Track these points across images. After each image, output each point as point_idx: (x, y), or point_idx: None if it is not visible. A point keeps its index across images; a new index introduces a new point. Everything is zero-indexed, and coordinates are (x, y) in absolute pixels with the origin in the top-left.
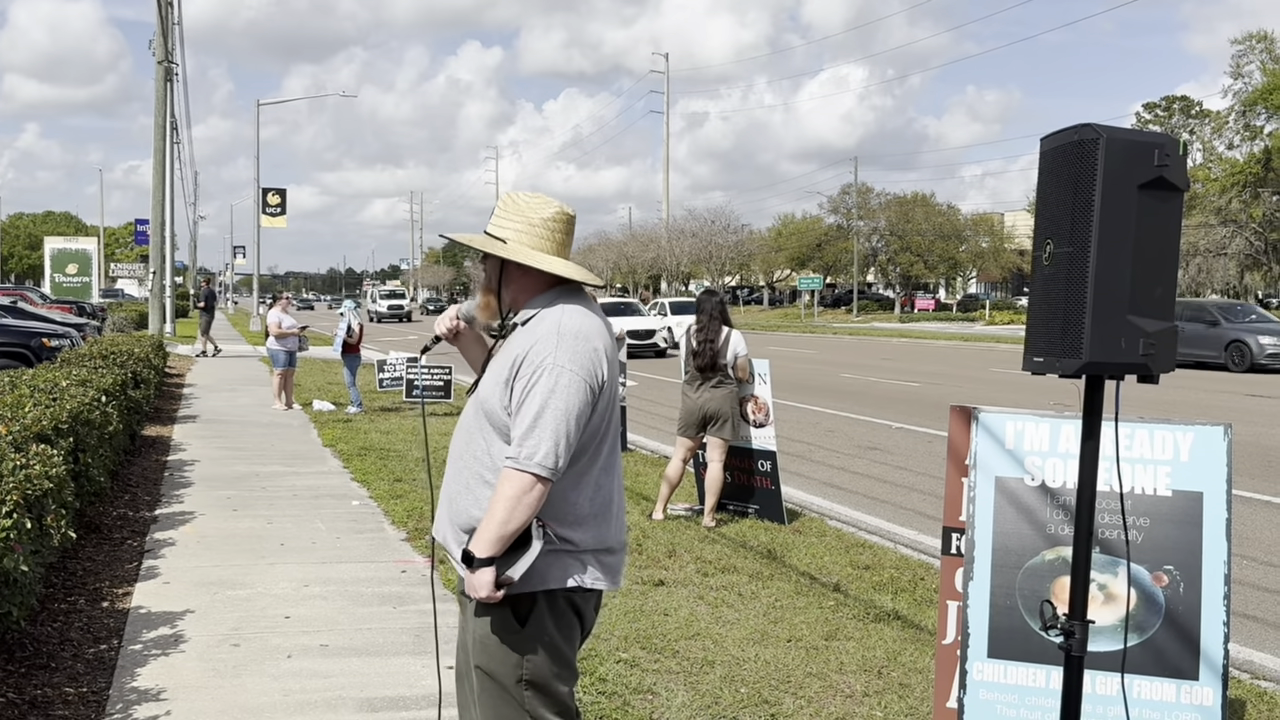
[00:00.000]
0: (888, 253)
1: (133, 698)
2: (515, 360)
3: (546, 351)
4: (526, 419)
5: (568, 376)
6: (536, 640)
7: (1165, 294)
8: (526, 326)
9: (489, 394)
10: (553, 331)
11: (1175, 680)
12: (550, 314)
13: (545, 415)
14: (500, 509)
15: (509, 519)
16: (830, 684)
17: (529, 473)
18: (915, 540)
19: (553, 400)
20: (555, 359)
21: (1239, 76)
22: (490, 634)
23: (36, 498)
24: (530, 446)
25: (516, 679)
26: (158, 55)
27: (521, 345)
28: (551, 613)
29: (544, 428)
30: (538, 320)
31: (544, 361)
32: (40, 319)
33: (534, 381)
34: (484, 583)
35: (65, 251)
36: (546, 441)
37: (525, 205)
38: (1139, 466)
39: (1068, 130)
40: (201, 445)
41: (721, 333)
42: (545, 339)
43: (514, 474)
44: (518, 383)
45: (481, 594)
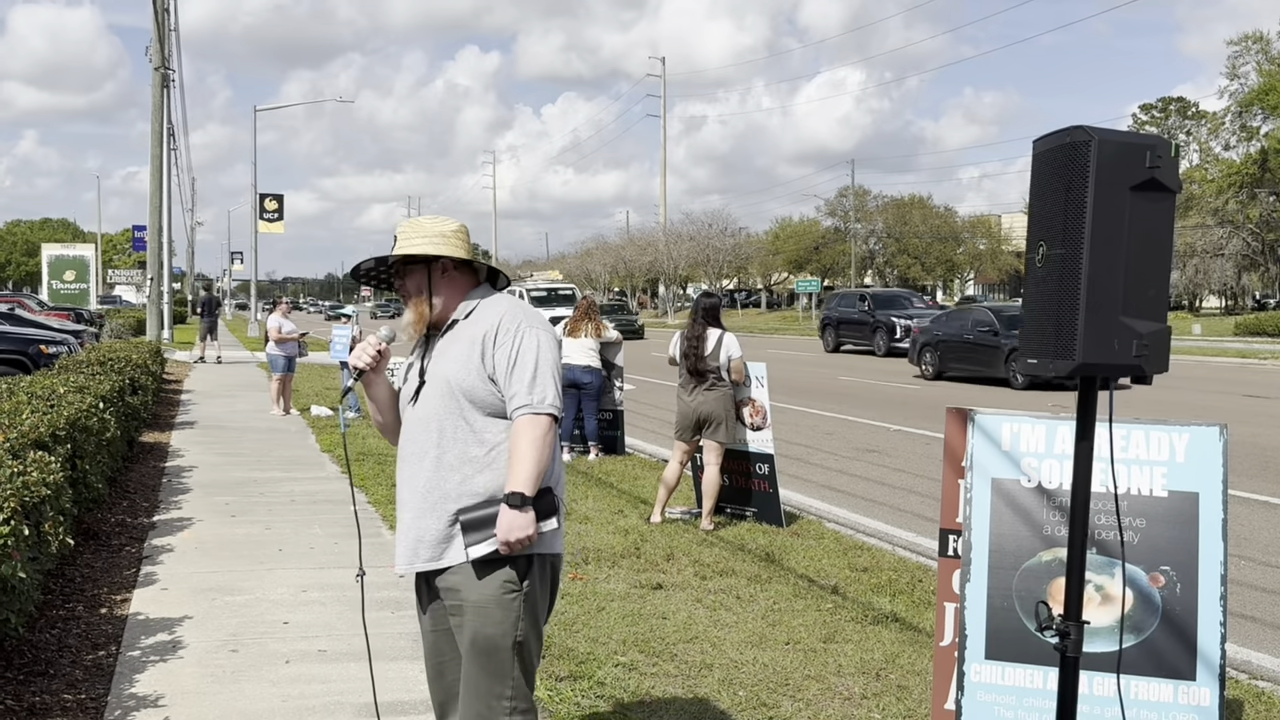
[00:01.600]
0: (885, 255)
1: (131, 704)
2: (485, 334)
3: (519, 318)
4: (526, 371)
5: (545, 335)
6: (531, 602)
7: (1158, 295)
8: (472, 317)
9: (461, 373)
10: (514, 306)
11: (1172, 681)
12: (496, 300)
13: (542, 365)
14: (531, 450)
15: (540, 457)
16: (829, 686)
17: (545, 414)
18: (913, 542)
19: (542, 353)
20: (529, 321)
21: (1235, 77)
22: (494, 594)
23: (34, 504)
24: (539, 392)
25: (513, 641)
26: (154, 62)
27: (485, 323)
28: (540, 576)
29: (544, 375)
30: (484, 306)
31: (520, 326)
32: (38, 326)
33: (519, 341)
34: (529, 521)
35: (63, 258)
36: (551, 386)
37: (431, 224)
38: (1135, 467)
39: (1060, 132)
40: (200, 451)
41: (709, 335)
42: (511, 311)
43: (534, 418)
44: (499, 350)
45: (528, 532)
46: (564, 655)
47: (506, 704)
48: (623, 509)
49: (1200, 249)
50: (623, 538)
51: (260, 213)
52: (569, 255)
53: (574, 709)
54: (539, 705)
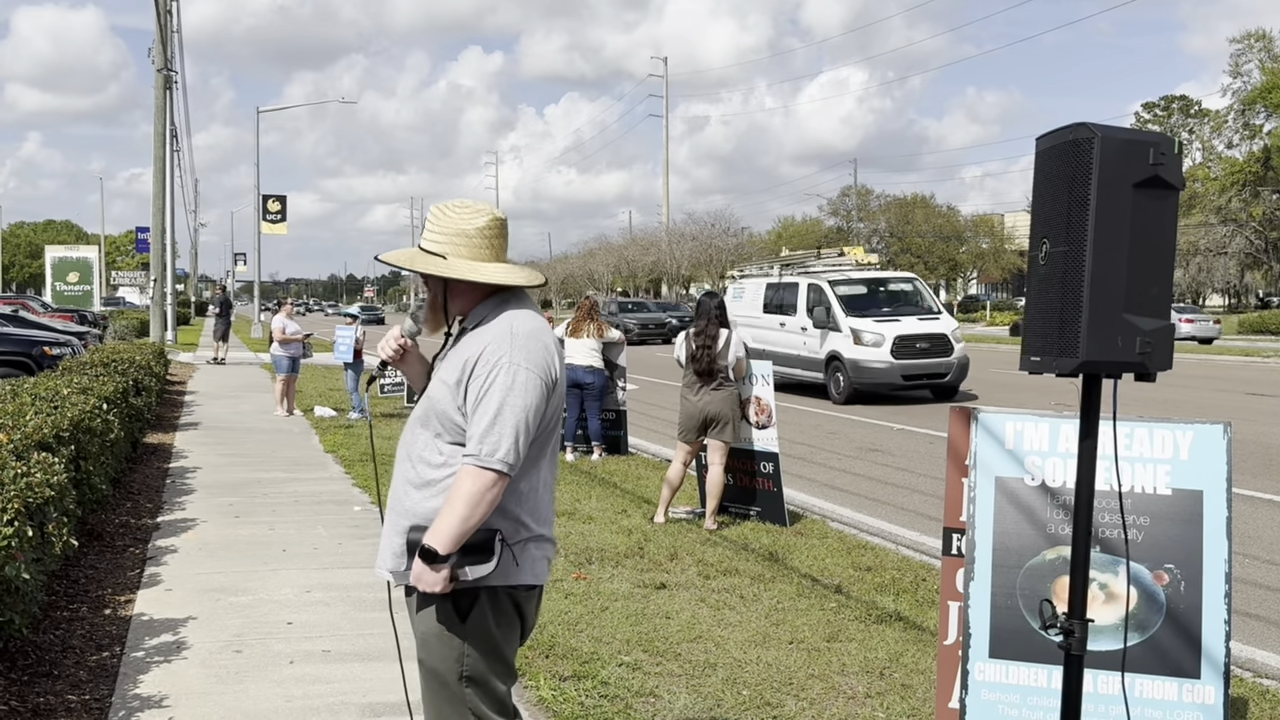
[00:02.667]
0: (888, 254)
1: (135, 705)
2: (467, 362)
3: (502, 351)
4: (486, 416)
5: (524, 374)
6: (477, 636)
7: (1161, 293)
8: (474, 332)
9: (439, 395)
10: (506, 333)
11: (1177, 679)
12: (499, 318)
13: (505, 412)
14: (461, 506)
15: (470, 515)
16: (832, 685)
17: (490, 469)
18: (917, 541)
19: (511, 397)
20: (511, 357)
21: (1238, 75)
22: (432, 628)
23: (38, 505)
24: (491, 443)
25: (458, 675)
26: (157, 63)
27: (473, 347)
28: (493, 609)
29: (504, 424)
30: (486, 324)
31: (500, 360)
32: (42, 327)
33: (492, 380)
34: (439, 578)
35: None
36: (507, 438)
37: (458, 217)
38: (1139, 465)
39: (1063, 130)
40: (203, 452)
41: (720, 336)
42: (499, 339)
43: (476, 471)
44: (473, 383)
45: (436, 588)
46: (568, 655)
47: None
48: (626, 509)
49: (1203, 247)
50: (626, 537)
51: (263, 214)
52: (571, 255)
53: (578, 708)
54: (543, 704)
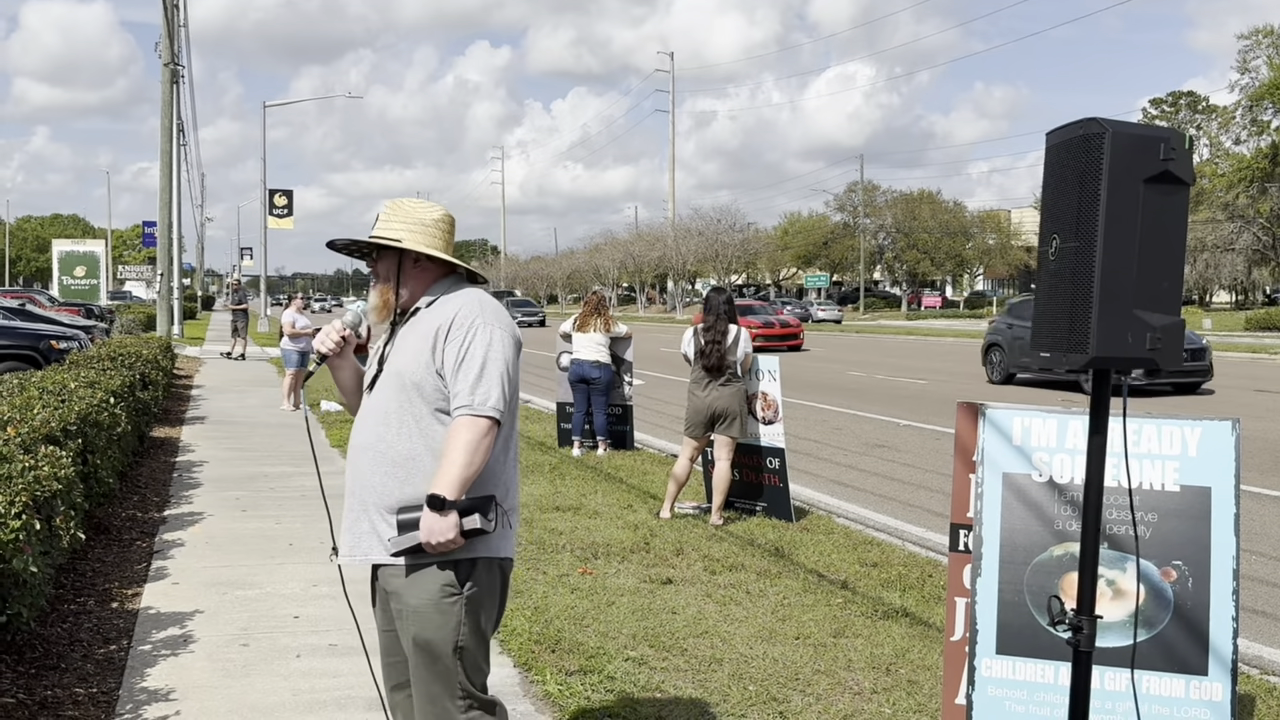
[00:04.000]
0: (894, 250)
1: (142, 698)
2: (439, 328)
3: (474, 314)
4: (473, 370)
5: (499, 333)
6: (474, 605)
7: (1172, 288)
8: (433, 307)
9: (411, 366)
10: (474, 300)
11: (1185, 675)
12: (460, 294)
13: (489, 364)
14: (461, 454)
15: (470, 461)
16: (839, 681)
17: (485, 416)
18: (923, 537)
19: (492, 352)
20: (484, 319)
21: (1246, 71)
22: (430, 598)
23: (45, 499)
24: (482, 393)
25: (453, 646)
26: (164, 58)
27: (441, 316)
28: (488, 578)
29: (490, 375)
30: (447, 299)
31: (475, 321)
32: (48, 321)
33: (470, 338)
34: (450, 524)
35: (73, 254)
36: (495, 388)
37: (414, 208)
38: (1147, 461)
39: (1073, 125)
40: (210, 446)
41: (729, 332)
42: (468, 305)
43: (471, 420)
44: (449, 345)
45: (449, 536)
46: (574, 650)
47: (461, 704)
48: (632, 504)
49: (1211, 244)
50: (632, 532)
51: (270, 208)
52: (578, 251)
53: (584, 703)
54: (549, 699)
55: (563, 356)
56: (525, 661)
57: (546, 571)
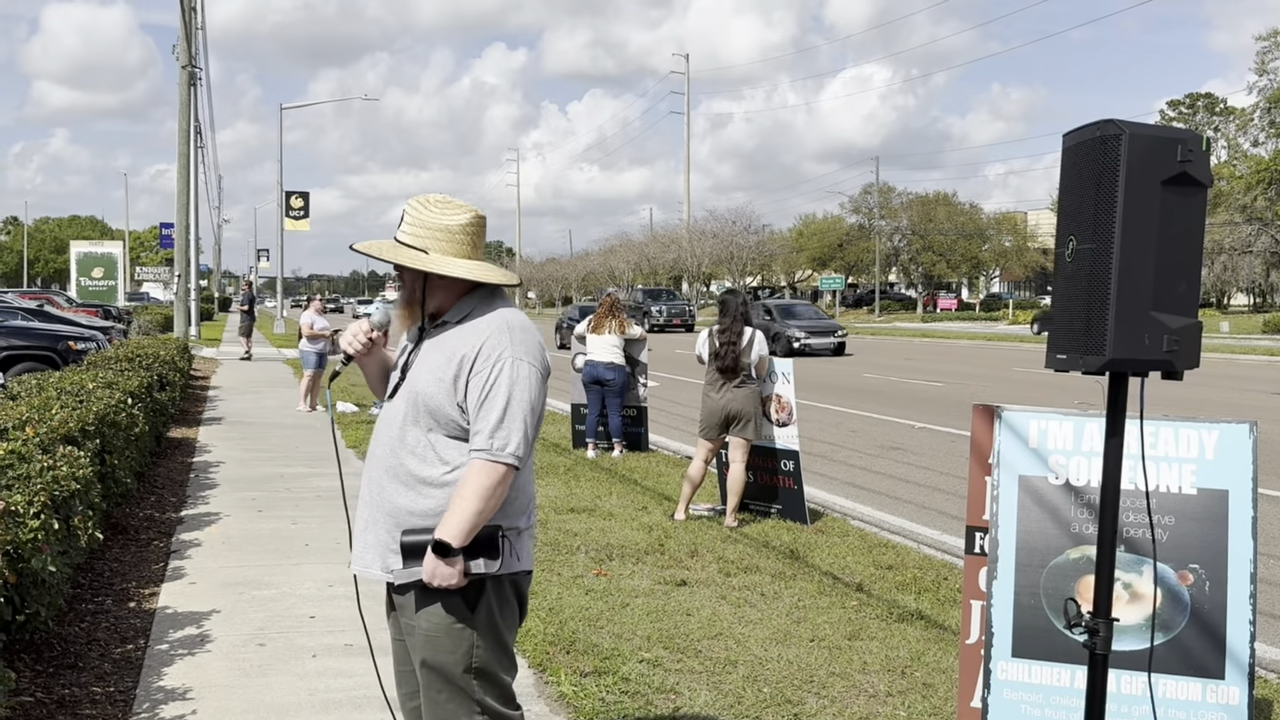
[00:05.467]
0: (910, 252)
1: (159, 697)
2: (464, 357)
3: (503, 345)
4: (495, 411)
5: (526, 368)
6: (486, 626)
7: (1189, 290)
8: (462, 326)
9: (431, 390)
10: (502, 327)
11: (1201, 679)
12: (493, 313)
13: (513, 407)
14: (474, 500)
15: (483, 509)
16: (854, 684)
17: (503, 463)
18: (938, 540)
19: (516, 392)
20: (513, 352)
21: (1264, 73)
22: (440, 624)
23: (64, 499)
24: (502, 438)
25: (465, 667)
26: (181, 60)
27: (468, 342)
28: (498, 598)
29: (513, 419)
30: (476, 319)
31: (502, 355)
32: (66, 322)
33: (496, 375)
34: (454, 572)
35: (91, 255)
36: (517, 433)
37: (439, 213)
38: (1164, 464)
39: (1090, 126)
40: (226, 447)
41: (744, 334)
42: (497, 334)
43: (489, 465)
44: (474, 378)
45: (451, 581)
46: (588, 651)
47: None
48: (647, 505)
49: (1228, 246)
50: (647, 534)
51: (286, 210)
52: (592, 252)
53: (599, 704)
54: (564, 700)
55: (577, 358)
56: (540, 662)
57: (561, 573)
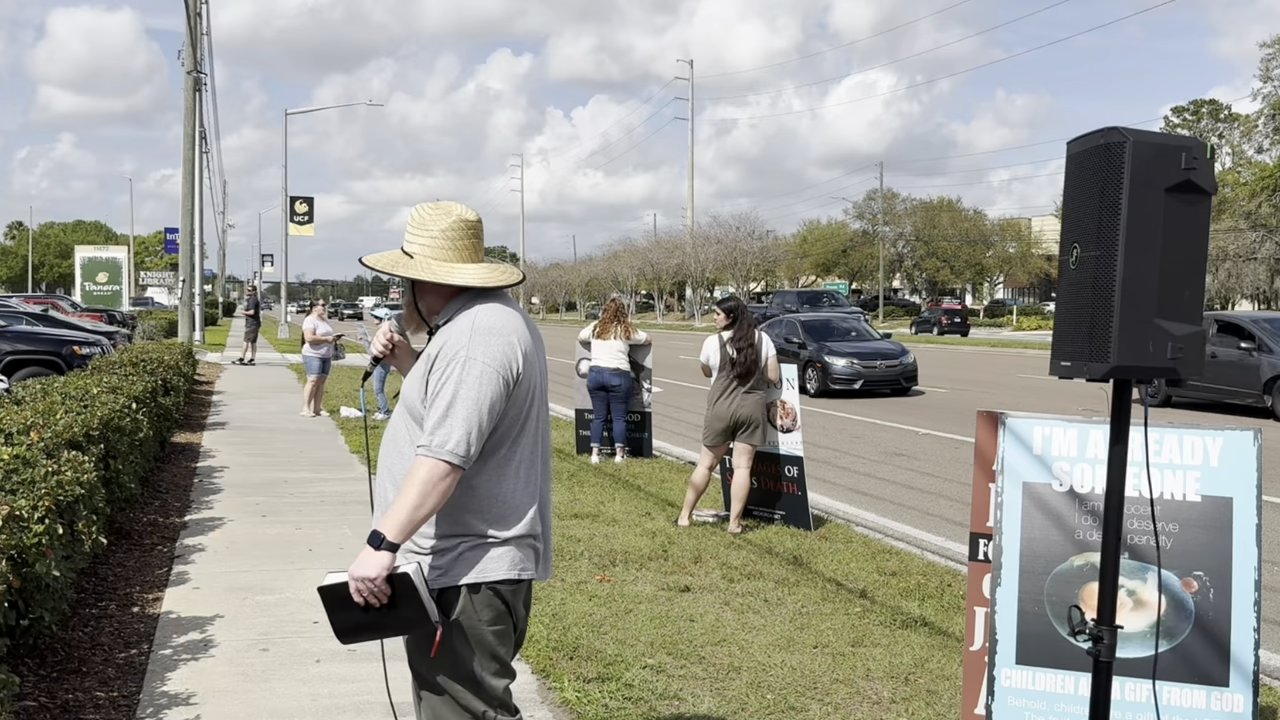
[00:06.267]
0: (914, 258)
1: (163, 702)
2: (430, 357)
3: (460, 345)
4: (440, 408)
5: (478, 367)
6: (466, 634)
7: (1193, 297)
8: (443, 328)
9: (409, 391)
10: (466, 328)
11: (1205, 687)
12: (464, 315)
13: (457, 404)
14: (413, 493)
15: (421, 504)
16: (857, 690)
17: (441, 460)
18: (942, 546)
19: (463, 390)
20: (468, 351)
21: (1269, 80)
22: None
23: (68, 503)
24: (442, 435)
25: (448, 672)
26: (186, 65)
27: (439, 342)
28: (475, 606)
29: (455, 417)
30: (453, 321)
31: (456, 354)
32: (71, 327)
33: (448, 373)
34: (377, 563)
35: (96, 260)
36: (458, 430)
37: (428, 218)
38: (1168, 471)
39: (1094, 134)
40: (230, 452)
41: (758, 338)
42: (459, 334)
43: (426, 460)
44: (433, 375)
45: (368, 574)
46: (592, 657)
47: None
48: (650, 511)
49: (1233, 253)
50: (650, 540)
51: (290, 215)
52: (596, 258)
53: (602, 710)
54: (567, 706)
55: (581, 363)
56: (543, 668)
57: (565, 578)
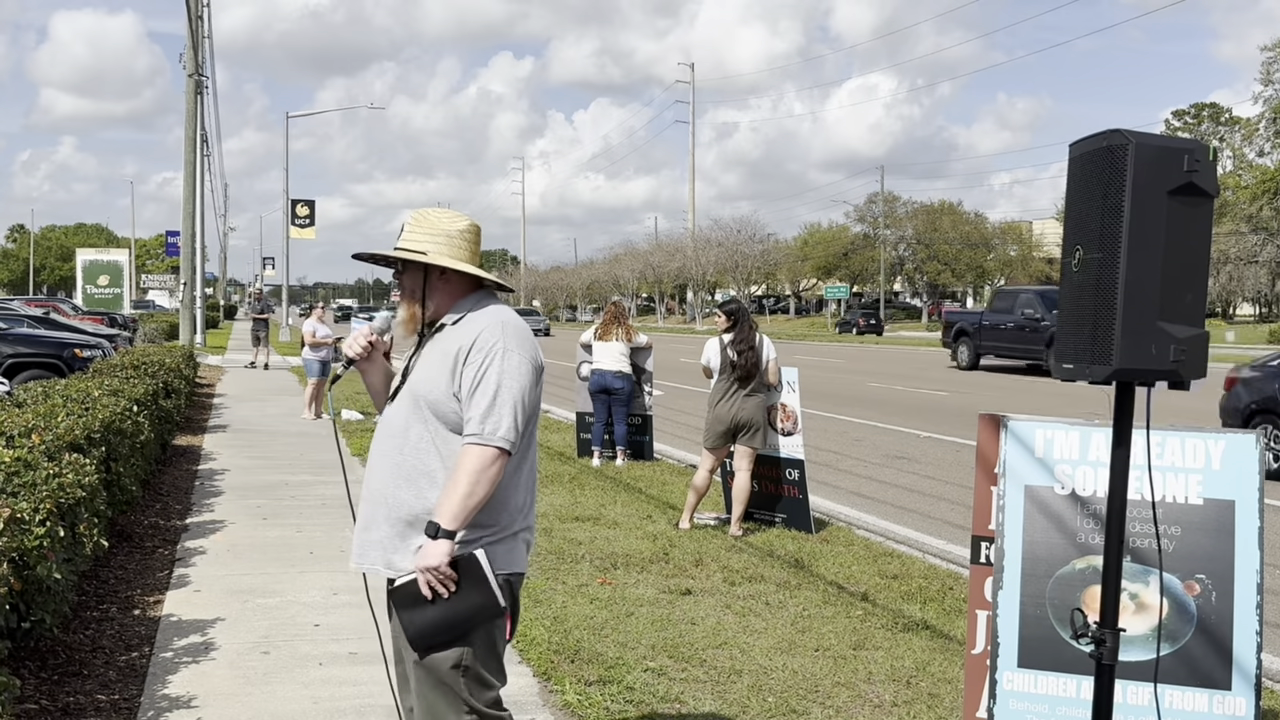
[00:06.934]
0: (915, 261)
1: (164, 705)
2: (460, 349)
3: (495, 337)
4: (485, 397)
5: (516, 359)
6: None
7: (1195, 300)
8: (458, 325)
9: (430, 387)
10: (497, 322)
11: (1208, 690)
12: (485, 312)
13: (503, 392)
14: (465, 482)
15: (473, 491)
16: (859, 694)
17: (493, 446)
18: (944, 550)
19: (506, 379)
20: (504, 343)
21: (1269, 83)
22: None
23: (69, 506)
24: (493, 422)
25: (454, 664)
26: (188, 68)
27: (463, 337)
28: None
29: (503, 404)
30: (472, 317)
31: (494, 345)
32: (72, 330)
33: (488, 363)
34: (440, 552)
35: (97, 263)
36: (507, 417)
37: (440, 219)
38: (1170, 474)
39: (1097, 136)
40: (232, 454)
41: (759, 339)
42: (490, 328)
43: (478, 449)
44: (468, 368)
45: (432, 562)
46: (593, 660)
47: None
48: (651, 514)
49: (1234, 256)
50: (651, 543)
51: (292, 218)
52: (597, 261)
53: (603, 713)
54: (569, 709)
55: (583, 366)
56: (544, 671)
57: (566, 581)
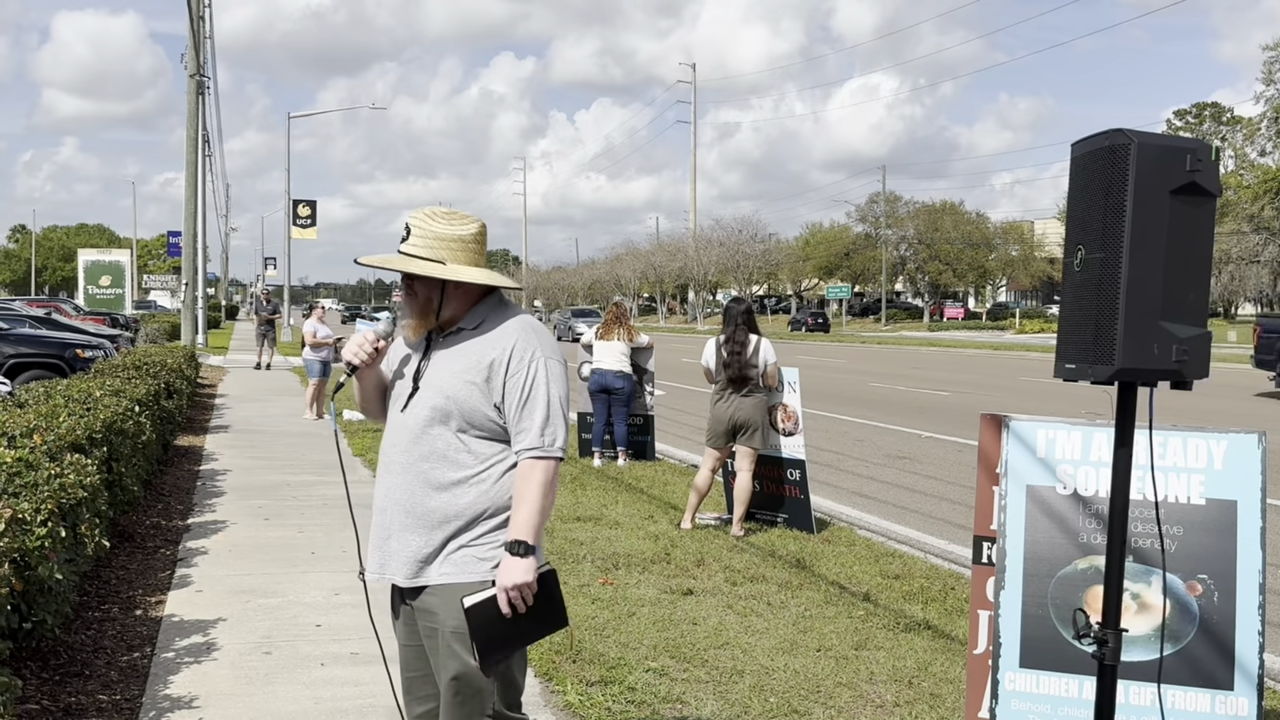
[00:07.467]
0: (916, 261)
1: (165, 705)
2: (494, 361)
3: (532, 346)
4: (539, 410)
5: (556, 365)
6: None
7: (1198, 300)
8: (483, 333)
9: (463, 394)
10: (528, 330)
11: (1210, 690)
12: (512, 322)
13: (554, 403)
14: (537, 496)
15: (545, 506)
16: (860, 694)
17: (554, 458)
18: (945, 550)
19: (553, 387)
20: (542, 350)
21: (1271, 83)
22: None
23: (71, 506)
24: (550, 434)
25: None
26: (189, 69)
27: (496, 345)
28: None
29: (556, 415)
30: (499, 328)
31: (534, 354)
32: (74, 330)
33: (533, 375)
34: (528, 568)
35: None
36: (562, 427)
37: (450, 225)
38: (1172, 474)
39: (1099, 135)
40: (233, 455)
41: (750, 341)
42: (525, 336)
43: (544, 462)
44: (511, 379)
45: (521, 579)
46: (595, 660)
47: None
48: (653, 514)
49: (1236, 255)
50: (653, 543)
51: (293, 219)
52: (599, 261)
53: (605, 713)
54: (570, 709)
55: (584, 366)
56: (546, 672)
57: (567, 582)
